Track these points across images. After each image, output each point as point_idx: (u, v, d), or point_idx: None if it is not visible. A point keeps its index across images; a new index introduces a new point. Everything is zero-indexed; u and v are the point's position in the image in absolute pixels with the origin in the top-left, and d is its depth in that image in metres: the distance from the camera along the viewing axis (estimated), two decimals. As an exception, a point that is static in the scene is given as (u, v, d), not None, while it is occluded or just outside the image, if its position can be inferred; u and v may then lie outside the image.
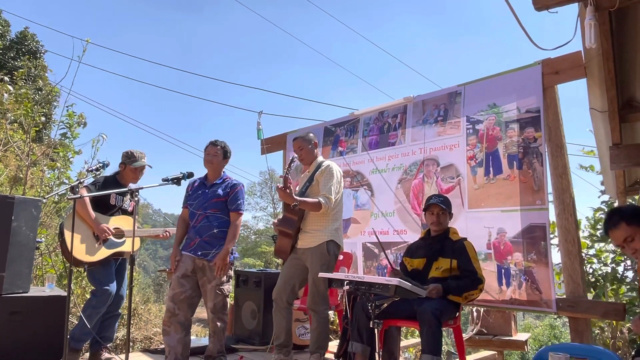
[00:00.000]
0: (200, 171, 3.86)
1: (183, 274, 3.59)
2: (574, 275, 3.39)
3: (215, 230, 3.63)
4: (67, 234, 3.55)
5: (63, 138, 6.69)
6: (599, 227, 5.95)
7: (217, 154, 3.74)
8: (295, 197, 3.42)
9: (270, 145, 6.02)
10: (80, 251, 3.69)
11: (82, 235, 3.74)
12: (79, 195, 3.41)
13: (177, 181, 3.45)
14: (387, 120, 4.74)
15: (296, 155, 3.66)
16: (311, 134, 3.83)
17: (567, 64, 3.50)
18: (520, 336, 5.09)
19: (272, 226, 4.11)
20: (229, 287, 3.65)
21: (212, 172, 3.78)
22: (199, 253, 3.59)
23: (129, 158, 4.02)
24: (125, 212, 4.06)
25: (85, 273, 3.98)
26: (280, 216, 3.87)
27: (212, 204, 3.66)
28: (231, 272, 3.71)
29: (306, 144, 3.74)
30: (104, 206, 3.89)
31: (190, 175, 3.63)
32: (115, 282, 3.88)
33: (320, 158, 3.81)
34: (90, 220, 3.76)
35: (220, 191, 3.71)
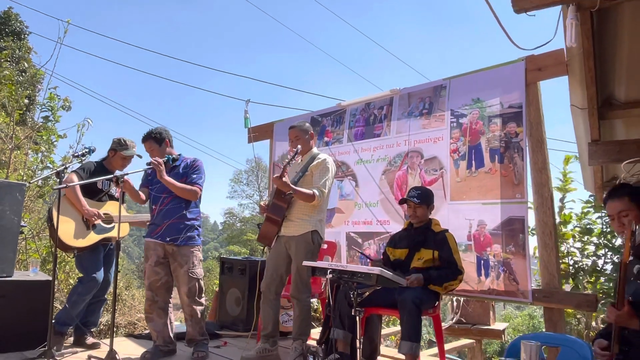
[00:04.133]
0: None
1: (156, 262, 3.61)
2: (549, 267, 3.50)
3: (183, 211, 3.62)
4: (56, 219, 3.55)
5: (45, 121, 6.63)
6: (585, 220, 6.07)
7: (152, 146, 3.67)
8: (291, 185, 3.45)
9: (257, 133, 6.04)
10: (69, 236, 3.69)
11: (72, 220, 3.74)
12: (66, 185, 3.41)
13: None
14: (373, 111, 4.79)
15: (300, 147, 3.61)
16: (307, 124, 3.83)
17: (550, 61, 3.57)
18: (498, 325, 5.23)
19: (259, 209, 4.10)
20: (200, 271, 3.67)
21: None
22: (168, 239, 3.58)
23: (120, 145, 4.01)
24: (112, 197, 4.07)
25: (74, 259, 3.98)
26: (267, 201, 3.87)
27: None
28: (200, 255, 3.72)
29: (303, 134, 3.72)
30: (91, 192, 3.89)
31: (176, 159, 3.65)
32: (102, 270, 3.90)
33: (315, 149, 3.82)
34: (79, 205, 3.76)
35: (181, 171, 3.67)
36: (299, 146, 3.59)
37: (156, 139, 3.68)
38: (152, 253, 3.63)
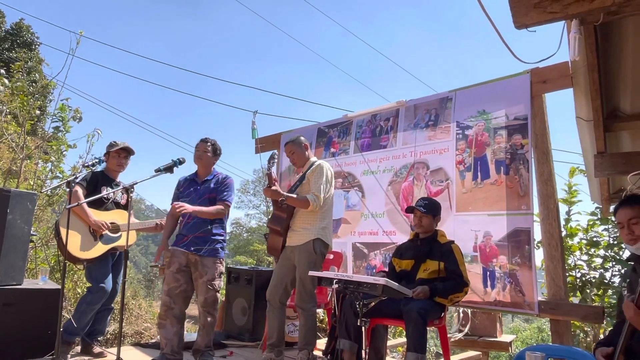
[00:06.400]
0: (193, 165, 3.95)
1: (177, 269, 3.66)
2: (556, 279, 3.50)
3: (208, 226, 3.71)
4: (63, 232, 3.59)
5: (56, 132, 6.71)
6: (592, 233, 6.04)
7: (207, 150, 3.81)
8: (282, 192, 3.51)
9: (265, 144, 6.09)
10: (77, 248, 3.73)
11: (79, 232, 3.78)
12: (77, 203, 3.49)
13: (169, 169, 3.48)
14: (380, 123, 4.83)
15: (276, 152, 3.76)
16: (302, 137, 3.92)
17: (554, 74, 3.60)
18: (505, 337, 5.20)
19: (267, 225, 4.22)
20: (220, 283, 3.72)
21: (203, 168, 3.84)
22: (192, 249, 3.65)
23: (111, 146, 4.11)
24: (118, 205, 4.11)
25: (84, 270, 4.04)
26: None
27: (205, 200, 3.74)
28: (222, 269, 3.78)
29: (297, 148, 3.83)
30: (96, 201, 3.93)
31: (182, 161, 3.68)
32: (111, 279, 3.93)
33: (313, 158, 3.90)
34: (86, 216, 3.81)
35: (212, 186, 3.79)
36: (275, 151, 3.72)
37: (214, 149, 3.85)
38: (175, 260, 3.68)
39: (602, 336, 5.64)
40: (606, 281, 5.77)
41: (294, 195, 3.58)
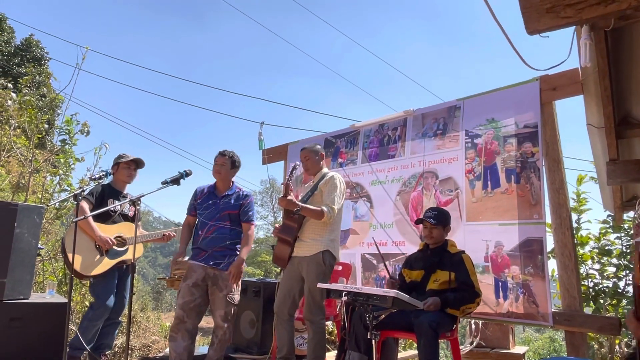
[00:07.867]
0: (200, 177, 3.93)
1: (194, 283, 3.62)
2: (570, 289, 3.43)
3: (227, 242, 3.70)
4: (68, 248, 3.58)
5: (63, 144, 6.73)
6: (603, 241, 5.94)
7: (225, 163, 3.78)
8: (297, 202, 3.48)
9: (271, 155, 6.08)
10: (83, 265, 3.72)
11: (84, 249, 3.76)
12: (84, 216, 3.48)
13: (176, 181, 3.47)
14: (387, 132, 4.80)
15: (299, 163, 3.75)
16: (318, 146, 3.92)
17: (564, 81, 3.56)
18: (518, 349, 5.10)
19: (272, 234, 4.18)
20: (238, 297, 3.70)
21: (222, 182, 3.83)
22: (211, 263, 3.64)
23: (120, 158, 4.12)
24: (125, 217, 4.09)
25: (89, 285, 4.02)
26: (280, 223, 3.92)
27: (224, 216, 3.72)
28: (239, 282, 3.75)
29: (313, 155, 3.82)
30: (103, 214, 3.92)
31: (189, 173, 3.65)
32: (114, 295, 3.90)
33: (325, 169, 3.88)
34: (91, 231, 3.79)
35: (232, 202, 3.77)
36: (297, 162, 3.70)
37: (232, 161, 3.82)
38: (192, 274, 3.65)
39: (617, 347, 5.53)
40: (620, 290, 5.65)
41: (310, 206, 3.55)
